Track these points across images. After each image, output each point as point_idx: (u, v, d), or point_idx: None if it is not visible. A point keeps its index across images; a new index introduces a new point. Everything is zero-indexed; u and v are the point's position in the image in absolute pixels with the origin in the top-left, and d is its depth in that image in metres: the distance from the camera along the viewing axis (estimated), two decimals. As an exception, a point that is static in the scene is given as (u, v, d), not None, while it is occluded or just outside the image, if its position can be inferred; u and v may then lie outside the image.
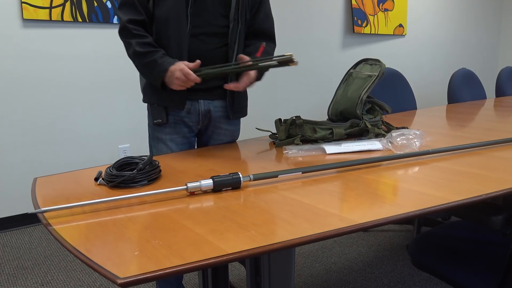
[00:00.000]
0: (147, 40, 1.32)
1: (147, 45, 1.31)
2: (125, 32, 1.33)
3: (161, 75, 1.28)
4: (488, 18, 5.33)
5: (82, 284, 1.93)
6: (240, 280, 1.98)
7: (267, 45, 1.46)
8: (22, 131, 2.57)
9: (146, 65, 1.32)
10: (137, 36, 1.32)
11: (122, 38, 1.34)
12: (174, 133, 1.43)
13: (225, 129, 1.50)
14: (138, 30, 1.32)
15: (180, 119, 1.42)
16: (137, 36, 1.32)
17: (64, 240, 0.71)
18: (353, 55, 4.05)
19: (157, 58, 1.29)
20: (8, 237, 2.49)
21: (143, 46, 1.31)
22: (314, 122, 1.42)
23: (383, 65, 1.56)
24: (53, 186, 1.03)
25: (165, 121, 1.40)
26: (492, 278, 1.08)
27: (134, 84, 2.90)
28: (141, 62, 1.32)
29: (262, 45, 1.43)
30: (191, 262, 0.62)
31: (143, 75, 1.39)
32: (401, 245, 2.30)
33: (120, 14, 1.34)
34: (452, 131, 1.60)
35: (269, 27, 1.49)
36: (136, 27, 1.32)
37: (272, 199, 0.88)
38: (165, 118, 1.40)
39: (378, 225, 0.75)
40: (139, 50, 1.30)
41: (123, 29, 1.33)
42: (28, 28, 2.51)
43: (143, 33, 1.33)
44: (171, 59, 1.29)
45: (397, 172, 1.06)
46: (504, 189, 0.91)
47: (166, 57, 1.30)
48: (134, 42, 1.31)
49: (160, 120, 1.40)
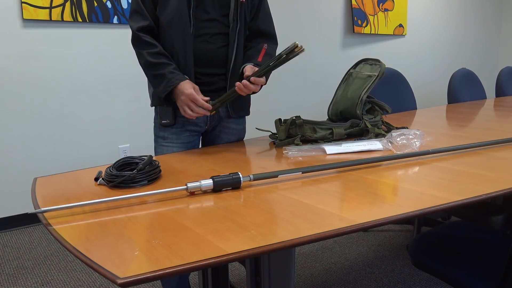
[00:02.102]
0: (157, 49, 1.34)
1: (158, 56, 1.34)
2: (136, 41, 1.36)
3: (167, 89, 1.31)
4: (488, 18, 5.33)
5: (82, 284, 1.93)
6: (240, 280, 1.98)
7: (269, 46, 1.48)
8: (22, 131, 2.57)
9: (155, 76, 1.34)
10: (148, 45, 1.34)
11: (134, 48, 1.38)
12: (180, 133, 1.44)
13: (233, 128, 1.53)
14: (147, 38, 1.35)
15: (188, 120, 1.43)
16: (147, 45, 1.34)
17: (64, 240, 0.71)
18: (353, 55, 4.05)
19: (166, 73, 1.31)
20: (8, 237, 2.49)
21: (154, 57, 1.33)
22: (314, 122, 1.42)
23: (383, 65, 1.56)
24: (53, 186, 1.03)
25: (173, 122, 1.42)
26: (492, 278, 1.08)
27: (134, 84, 2.90)
28: (151, 73, 1.35)
29: (264, 48, 1.45)
30: (191, 262, 0.62)
31: (152, 85, 1.42)
32: (401, 245, 2.30)
33: (131, 23, 1.37)
34: (452, 131, 1.60)
35: (269, 27, 1.52)
36: (146, 35, 1.35)
37: (272, 199, 0.88)
38: (173, 119, 1.41)
39: (378, 225, 0.75)
40: (151, 60, 1.33)
41: (135, 38, 1.36)
42: (28, 28, 2.51)
43: (152, 41, 1.35)
44: (180, 76, 1.32)
45: (397, 172, 1.06)
46: (504, 189, 0.91)
47: (175, 72, 1.32)
48: (145, 52, 1.34)
49: (168, 121, 1.41)
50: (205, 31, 1.38)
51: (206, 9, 1.36)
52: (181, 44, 1.35)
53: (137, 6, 1.36)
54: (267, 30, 1.51)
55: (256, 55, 1.43)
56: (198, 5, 1.35)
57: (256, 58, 1.42)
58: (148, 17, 1.36)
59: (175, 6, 1.33)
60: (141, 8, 1.35)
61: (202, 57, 1.38)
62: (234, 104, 1.48)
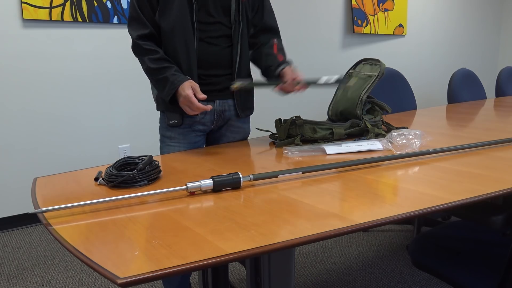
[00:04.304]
0: (159, 55, 1.34)
1: (159, 61, 1.34)
2: (137, 48, 1.36)
3: (171, 92, 1.31)
4: (488, 18, 5.33)
5: (82, 284, 1.94)
6: (240, 280, 1.98)
7: (278, 41, 1.52)
8: (22, 131, 2.57)
9: (158, 81, 1.35)
10: (149, 52, 1.34)
11: (136, 55, 1.38)
12: (187, 133, 1.45)
13: (239, 126, 1.54)
14: (148, 45, 1.35)
15: (195, 120, 1.44)
16: (148, 52, 1.34)
17: (64, 240, 0.71)
18: (353, 55, 4.05)
19: (168, 76, 1.31)
20: (8, 237, 2.49)
21: (155, 62, 1.33)
22: (314, 122, 1.42)
23: (383, 65, 1.56)
24: (53, 186, 1.03)
25: (180, 122, 1.42)
26: (492, 278, 1.08)
27: (134, 84, 2.90)
28: (154, 78, 1.35)
29: (275, 43, 1.49)
30: (191, 262, 0.62)
31: (157, 90, 1.42)
32: (401, 245, 2.30)
33: (130, 31, 1.37)
34: (452, 131, 1.60)
35: (273, 22, 1.54)
36: (146, 42, 1.35)
37: (272, 199, 0.88)
38: (181, 120, 1.42)
39: (378, 225, 0.75)
40: (152, 66, 1.33)
41: (135, 46, 1.36)
42: (28, 28, 2.51)
43: (154, 48, 1.35)
44: (182, 77, 1.32)
45: (397, 172, 1.06)
46: (504, 189, 0.91)
47: (177, 74, 1.32)
48: (147, 59, 1.34)
49: (176, 121, 1.42)
50: (209, 34, 1.38)
51: (209, 12, 1.36)
52: (184, 49, 1.35)
53: (135, 13, 1.35)
54: (273, 25, 1.53)
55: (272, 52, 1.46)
56: (201, 8, 1.35)
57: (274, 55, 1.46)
58: (147, 25, 1.35)
59: (177, 11, 1.33)
60: (139, 16, 1.34)
61: (207, 59, 1.38)
62: (242, 104, 1.49)
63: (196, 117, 1.43)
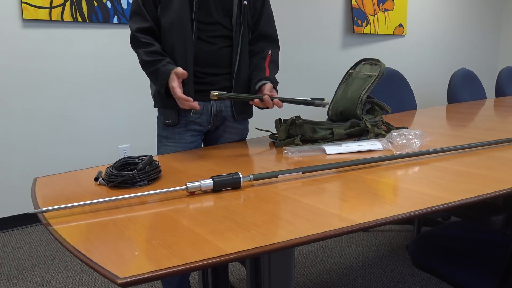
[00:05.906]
0: (154, 48, 1.34)
1: (153, 54, 1.34)
2: (134, 41, 1.36)
3: (163, 82, 1.30)
4: (488, 18, 5.33)
5: (82, 284, 1.94)
6: (240, 280, 1.98)
7: (273, 52, 1.49)
8: (22, 131, 2.57)
9: (151, 73, 1.35)
10: (144, 45, 1.34)
11: (133, 48, 1.38)
12: (183, 133, 1.45)
13: (236, 127, 1.53)
14: (146, 38, 1.35)
15: (191, 120, 1.44)
16: (144, 45, 1.34)
17: (64, 240, 0.71)
18: (353, 55, 4.05)
19: (160, 67, 1.31)
20: (8, 237, 2.49)
21: (149, 55, 1.33)
22: (314, 122, 1.42)
23: (383, 65, 1.56)
24: (53, 186, 1.03)
25: (176, 121, 1.42)
26: (492, 278, 1.08)
27: (134, 84, 2.90)
28: (148, 70, 1.36)
29: (269, 55, 1.47)
30: (191, 262, 0.62)
31: (152, 82, 1.43)
32: (401, 245, 2.30)
33: (130, 24, 1.37)
34: (452, 131, 1.60)
35: (272, 30, 1.52)
36: (144, 36, 1.35)
37: (272, 199, 0.88)
38: (177, 119, 1.42)
39: (378, 225, 0.75)
40: (146, 59, 1.33)
41: (133, 38, 1.36)
42: (28, 28, 2.51)
43: (150, 41, 1.35)
44: (171, 66, 1.31)
45: (397, 172, 1.06)
46: (504, 189, 0.91)
47: (168, 64, 1.32)
48: (142, 51, 1.34)
49: (172, 121, 1.42)
50: (207, 34, 1.38)
51: (208, 12, 1.36)
52: (182, 46, 1.35)
53: (138, 7, 1.36)
54: (269, 33, 1.51)
55: (263, 64, 1.44)
56: (201, 7, 1.35)
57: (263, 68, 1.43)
58: (148, 19, 1.35)
59: (177, 8, 1.33)
60: (141, 10, 1.35)
61: (204, 58, 1.39)
62: (240, 108, 1.49)
63: (192, 116, 1.43)
